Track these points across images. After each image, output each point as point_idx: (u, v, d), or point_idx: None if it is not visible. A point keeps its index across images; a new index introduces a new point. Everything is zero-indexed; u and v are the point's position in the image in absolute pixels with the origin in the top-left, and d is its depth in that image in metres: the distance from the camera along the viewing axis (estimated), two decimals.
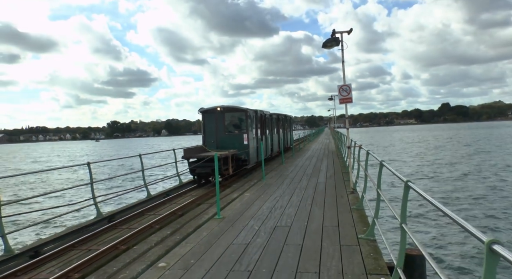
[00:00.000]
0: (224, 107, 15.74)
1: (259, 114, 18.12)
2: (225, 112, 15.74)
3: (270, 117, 21.63)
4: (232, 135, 15.64)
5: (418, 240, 3.56)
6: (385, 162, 5.82)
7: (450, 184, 22.93)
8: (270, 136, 21.28)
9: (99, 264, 5.83)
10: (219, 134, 15.55)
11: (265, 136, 19.53)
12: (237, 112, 16.00)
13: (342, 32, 10.99)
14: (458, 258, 10.56)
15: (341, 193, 10.32)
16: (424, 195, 3.35)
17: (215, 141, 15.45)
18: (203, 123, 15.64)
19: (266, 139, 19.66)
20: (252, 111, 16.80)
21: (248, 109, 15.97)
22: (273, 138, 22.25)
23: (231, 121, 15.96)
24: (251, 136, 15.91)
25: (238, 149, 15.07)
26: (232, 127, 15.91)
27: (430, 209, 15.48)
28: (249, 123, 15.87)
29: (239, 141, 15.38)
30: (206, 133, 15.63)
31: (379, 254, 5.35)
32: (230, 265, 5.14)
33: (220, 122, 15.62)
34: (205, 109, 15.68)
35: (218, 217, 8.00)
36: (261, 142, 18.03)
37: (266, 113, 20.06)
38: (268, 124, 20.76)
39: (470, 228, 2.16)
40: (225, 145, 15.32)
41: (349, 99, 11.08)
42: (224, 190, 11.70)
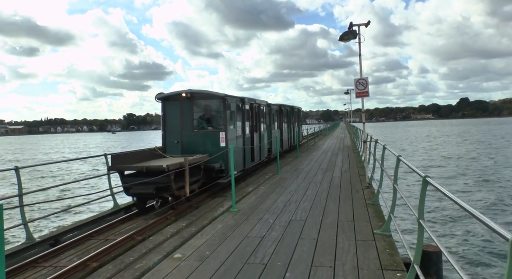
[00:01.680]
0: (193, 93, 10.92)
1: (247, 104, 13.38)
2: (194, 100, 10.95)
3: (269, 108, 17.32)
4: (204, 134, 10.97)
5: (436, 236, 3.51)
6: (402, 157, 5.75)
7: (467, 180, 22.56)
8: (268, 134, 16.84)
9: (116, 254, 5.93)
10: (186, 131, 10.95)
11: (258, 133, 14.82)
12: (211, 100, 11.20)
13: (359, 25, 10.86)
14: (478, 255, 10.41)
15: (356, 187, 10.26)
16: (443, 191, 3.30)
17: (180, 141, 10.98)
18: (163, 115, 11.18)
19: (260, 138, 14.99)
20: (236, 99, 12.07)
21: (227, 96, 11.16)
22: (272, 136, 17.76)
23: (203, 113, 11.27)
24: (232, 134, 11.29)
25: (212, 154, 10.25)
26: (204, 122, 11.15)
27: (447, 204, 15.26)
28: (230, 116, 11.20)
29: (213, 142, 10.77)
30: (167, 130, 11.08)
31: (395, 249, 5.30)
32: (245, 258, 5.16)
33: (186, 115, 10.94)
34: (165, 95, 11.13)
35: (233, 210, 8.04)
36: (276, 136, 17.62)
37: (260, 103, 15.38)
38: (265, 118, 16.39)
39: (493, 225, 2.12)
40: (194, 148, 10.81)
41: (366, 93, 10.97)
42: (239, 184, 11.74)
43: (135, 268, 5.06)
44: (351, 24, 10.84)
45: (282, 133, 20.12)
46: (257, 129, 14.75)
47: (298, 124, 26.89)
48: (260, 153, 15.01)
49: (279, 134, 19.04)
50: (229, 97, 11.29)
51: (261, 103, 15.45)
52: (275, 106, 18.89)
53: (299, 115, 27.84)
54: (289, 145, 22.75)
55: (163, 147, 11.07)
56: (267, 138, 16.69)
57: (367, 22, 10.84)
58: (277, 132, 19.13)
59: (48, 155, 63.25)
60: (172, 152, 10.87)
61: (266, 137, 16.25)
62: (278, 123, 19.69)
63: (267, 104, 16.74)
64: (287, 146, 21.99)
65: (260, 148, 14.96)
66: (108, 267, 5.27)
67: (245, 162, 12.66)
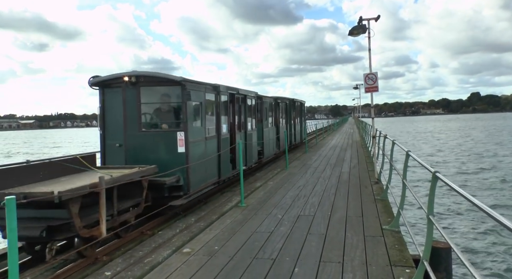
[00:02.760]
0: (139, 76, 7.96)
1: (225, 95, 10.32)
2: (142, 86, 8.00)
3: (260, 101, 14.55)
4: (155, 134, 8.09)
5: (446, 232, 3.49)
6: (411, 152, 5.71)
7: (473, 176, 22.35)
8: (258, 133, 14.00)
9: (126, 248, 5.99)
10: (131, 131, 8.02)
11: (244, 133, 12.05)
12: (165, 86, 8.32)
13: (369, 19, 10.76)
14: (488, 252, 10.34)
15: (365, 183, 10.22)
16: (453, 186, 3.27)
17: (123, 145, 8.04)
18: (100, 107, 8.22)
19: (245, 139, 12.09)
20: (205, 87, 8.99)
21: (188, 81, 8.03)
22: (265, 135, 15.00)
23: (154, 105, 8.38)
24: (197, 134, 8.39)
25: (167, 163, 7.60)
26: (157, 118, 8.32)
27: (457, 200, 15.14)
28: (193, 109, 8.31)
29: (168, 147, 7.93)
30: (106, 129, 8.22)
31: (404, 245, 5.28)
32: (253, 253, 5.18)
33: (131, 107, 8.01)
34: (103, 78, 8.12)
35: (241, 205, 8.06)
36: (284, 130, 17.38)
37: (246, 94, 12.29)
38: (254, 114, 13.49)
39: (506, 222, 2.10)
40: (142, 154, 7.91)
41: (375, 88, 10.89)
42: (247, 179, 11.76)
43: (144, 262, 5.11)
44: (360, 18, 10.74)
45: (279, 131, 17.62)
46: (242, 127, 11.88)
47: (301, 120, 23.91)
48: (246, 158, 11.97)
49: (274, 133, 16.73)
50: (192, 83, 8.20)
51: (247, 95, 12.38)
52: (268, 99, 15.88)
53: (302, 109, 24.63)
54: (289, 144, 19.21)
55: (102, 153, 8.19)
56: (258, 138, 13.75)
57: (377, 16, 10.73)
58: (272, 130, 16.51)
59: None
60: (113, 161, 8.03)
61: (255, 137, 13.30)
62: (273, 119, 16.92)
63: (257, 96, 13.87)
64: (288, 144, 18.63)
65: (246, 152, 11.94)
66: (117, 261, 5.33)
67: (220, 172, 9.71)
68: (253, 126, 13.10)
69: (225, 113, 10.50)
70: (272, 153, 16.31)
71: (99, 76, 8.17)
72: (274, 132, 16.80)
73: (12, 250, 2.72)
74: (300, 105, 23.86)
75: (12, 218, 2.69)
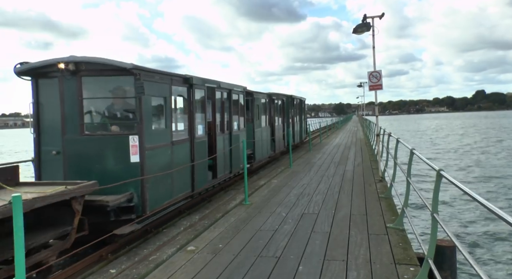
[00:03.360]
0: (79, 62, 6.25)
1: (200, 89, 8.59)
2: (83, 75, 6.35)
3: (251, 98, 13.01)
4: (102, 139, 6.41)
5: (450, 230, 3.48)
6: (415, 150, 5.70)
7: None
8: (247, 134, 12.27)
9: (131, 246, 6.02)
10: (71, 134, 6.38)
11: (228, 134, 10.37)
12: (113, 76, 6.57)
13: (373, 17, 10.73)
14: (493, 250, 10.29)
15: (369, 181, 10.20)
16: (458, 185, 3.27)
17: (62, 153, 6.36)
18: (33, 103, 6.59)
19: (230, 141, 10.41)
20: (172, 78, 7.34)
21: (142, 70, 6.34)
22: (256, 136, 13.18)
23: (101, 101, 6.82)
24: (157, 138, 6.82)
25: (111, 178, 5.88)
26: (103, 117, 6.77)
27: (461, 199, 15.09)
28: (149, 106, 6.58)
29: (118, 156, 6.31)
30: (41, 131, 6.59)
31: (408, 244, 5.28)
32: (258, 251, 5.20)
33: (71, 103, 6.36)
34: (35, 65, 6.37)
35: (245, 203, 8.07)
36: (288, 129, 17.24)
37: (231, 88, 10.49)
38: (242, 112, 11.69)
39: (511, 219, 2.09)
40: (85, 164, 6.30)
41: (379, 85, 10.86)
42: (251, 177, 11.77)
43: (149, 260, 5.14)
44: (365, 16, 10.71)
45: (274, 131, 15.81)
46: (224, 128, 10.16)
47: (301, 119, 22.10)
48: (231, 163, 10.43)
49: (268, 134, 14.94)
50: (150, 73, 6.55)
51: (232, 89, 10.62)
52: (261, 96, 14.23)
53: (302, 107, 22.74)
54: (286, 145, 17.75)
55: (36, 163, 6.53)
56: (246, 139, 11.44)
57: (381, 14, 10.69)
58: (266, 130, 14.71)
59: None
60: (50, 174, 6.40)
61: (244, 139, 10.72)
62: (267, 118, 15.14)
63: (245, 91, 11.92)
64: (283, 147, 17.60)
65: (231, 157, 10.38)
66: (122, 258, 5.36)
67: (194, 183, 8.05)
68: (241, 126, 11.43)
69: (202, 111, 8.85)
70: (265, 156, 14.50)
71: (28, 62, 6.38)
72: (268, 132, 14.96)
73: (18, 249, 2.74)
74: (300, 103, 22.04)
75: (19, 216, 2.71)
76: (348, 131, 39.42)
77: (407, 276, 4.23)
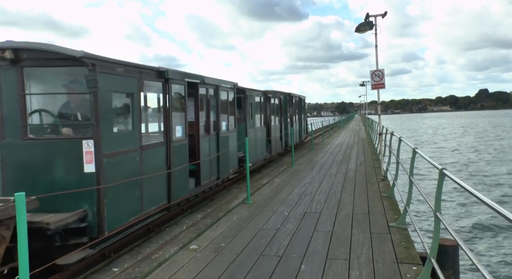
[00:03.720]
0: (20, 49, 5.12)
1: (174, 84, 7.35)
2: (26, 66, 5.23)
3: (243, 96, 11.90)
4: (49, 144, 5.30)
5: (453, 229, 3.48)
6: (418, 149, 5.69)
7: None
8: (237, 135, 10.93)
9: (134, 245, 6.04)
10: (11, 138, 5.24)
11: (215, 136, 9.25)
12: (62, 67, 5.52)
13: (376, 16, 10.72)
14: (496, 250, 10.27)
15: (371, 180, 10.19)
16: (461, 183, 3.26)
17: (0, 161, 5.23)
18: None
19: (218, 145, 9.34)
20: (136, 70, 6.20)
21: (98, 59, 5.16)
22: (250, 137, 11.76)
23: (49, 98, 5.91)
24: (122, 143, 5.82)
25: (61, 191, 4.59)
26: (51, 117, 5.72)
27: (465, 197, 15.06)
28: (109, 104, 5.54)
29: (69, 164, 5.17)
30: None
31: (411, 243, 5.28)
32: (260, 250, 5.20)
33: (9, 100, 5.23)
34: None
35: (248, 202, 8.08)
36: (291, 128, 17.15)
37: (216, 84, 9.31)
38: (232, 111, 10.68)
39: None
40: (29, 176, 5.16)
41: (382, 84, 10.86)
42: (254, 176, 11.77)
43: (151, 258, 5.15)
44: (367, 15, 10.70)
45: (270, 132, 14.82)
46: (210, 128, 8.96)
47: (300, 118, 20.96)
48: (219, 168, 9.33)
49: (263, 134, 13.87)
50: (107, 63, 5.41)
51: (220, 85, 9.44)
52: (255, 93, 13.10)
53: (301, 105, 21.54)
54: (283, 147, 17.31)
55: None
56: (239, 141, 10.68)
57: (384, 13, 10.67)
58: (261, 131, 13.64)
59: None
60: None
61: (234, 140, 10.50)
62: (262, 117, 14.16)
63: (236, 88, 10.81)
64: (281, 149, 16.90)
65: (218, 161, 9.27)
66: (125, 257, 5.38)
67: (170, 193, 6.93)
68: (230, 126, 10.37)
69: (182, 109, 7.75)
70: (260, 159, 13.47)
71: None
72: (263, 133, 13.92)
73: (22, 250, 2.75)
74: (299, 101, 20.85)
75: (22, 214, 2.72)
76: (350, 130, 39.37)
77: (410, 275, 4.22)
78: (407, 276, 4.19)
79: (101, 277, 4.85)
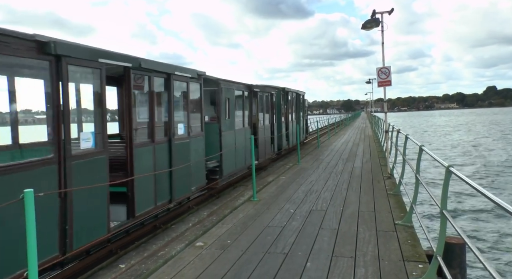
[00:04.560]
0: None
1: (72, 65, 4.70)
2: None
3: (216, 88, 9.59)
4: None
5: (459, 227, 3.46)
6: (425, 147, 5.67)
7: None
8: (211, 140, 9.20)
9: (140, 242, 6.08)
10: None
11: (165, 143, 7.00)
12: None
13: (382, 13, 10.64)
14: (504, 248, 10.19)
15: (377, 178, 10.16)
16: (468, 181, 3.24)
17: None
18: None
19: (169, 151, 7.08)
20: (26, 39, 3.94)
21: None
22: (225, 142, 9.74)
23: None
24: None
25: None
26: None
27: (471, 195, 14.96)
28: None
29: None
30: None
31: (417, 241, 5.26)
32: (266, 247, 5.21)
33: None
34: None
35: (254, 199, 8.09)
36: (297, 125, 17.10)
37: (168, 72, 7.01)
38: (198, 108, 8.53)
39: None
40: None
41: (388, 82, 10.79)
42: (260, 173, 11.78)
43: (157, 255, 5.18)
44: (374, 11, 10.63)
45: (257, 134, 12.34)
46: (155, 133, 6.62)
47: (298, 117, 18.62)
48: (172, 187, 7.03)
49: (246, 137, 11.24)
50: None
51: (171, 73, 7.03)
52: (234, 86, 10.59)
53: (299, 102, 19.02)
54: (274, 150, 14.91)
55: None
56: (209, 147, 8.83)
57: (391, 10, 10.60)
58: (243, 133, 11.19)
59: None
60: None
61: (196, 149, 8.01)
62: (246, 117, 11.62)
63: (207, 78, 8.59)
64: (272, 154, 14.45)
65: (171, 177, 7.03)
66: (131, 254, 5.42)
67: (66, 239, 4.67)
68: (193, 129, 8.04)
69: (98, 105, 5.41)
70: (241, 168, 11.02)
71: None
72: (245, 136, 11.31)
73: (31, 245, 2.78)
74: (297, 97, 18.27)
75: (30, 211, 2.75)
76: (356, 127, 39.23)
77: (416, 273, 4.21)
78: (413, 274, 4.18)
79: (108, 273, 4.89)
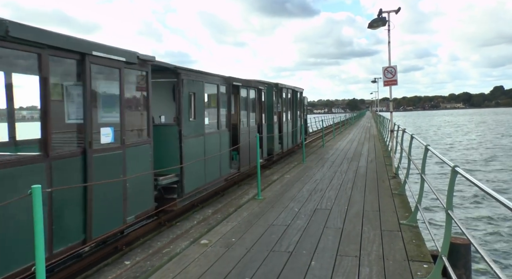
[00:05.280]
0: None
1: None
2: None
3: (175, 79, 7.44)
4: None
5: (465, 227, 3.45)
6: (430, 147, 5.65)
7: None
8: (168, 147, 7.31)
9: (145, 239, 6.11)
10: None
11: (79, 157, 4.71)
12: None
13: (389, 12, 10.60)
14: (509, 248, 10.14)
15: (382, 177, 10.13)
16: (474, 181, 3.23)
17: None
18: None
19: (83, 170, 4.76)
20: None
21: None
22: (190, 149, 7.65)
23: None
24: None
25: None
26: None
27: (477, 195, 14.88)
28: None
29: None
30: None
31: (422, 241, 5.25)
32: (270, 246, 5.22)
33: None
34: None
35: (258, 198, 8.10)
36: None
37: (83, 51, 4.69)
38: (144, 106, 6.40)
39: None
40: None
41: (394, 81, 10.75)
42: (264, 172, 11.79)
43: (162, 252, 5.21)
44: (380, 10, 10.58)
45: (238, 138, 10.32)
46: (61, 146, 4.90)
47: (295, 117, 16.61)
48: (86, 223, 4.82)
49: (224, 142, 9.45)
50: None
51: (88, 54, 4.83)
52: (201, 78, 8.34)
53: (297, 101, 17.17)
54: (268, 154, 13.05)
55: None
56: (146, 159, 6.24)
57: (398, 9, 10.55)
58: (217, 137, 9.15)
59: None
60: None
61: (136, 162, 5.91)
62: (221, 117, 9.42)
63: (150, 63, 6.34)
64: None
65: (86, 208, 4.82)
66: (136, 251, 5.45)
67: None
68: (130, 135, 6.03)
69: None
70: (217, 180, 9.02)
71: None
72: (222, 141, 9.41)
73: (38, 241, 2.80)
74: (293, 95, 16.23)
75: (38, 206, 2.77)
76: (361, 127, 39.11)
77: (421, 273, 4.20)
78: (418, 274, 4.17)
79: (113, 270, 4.92)
